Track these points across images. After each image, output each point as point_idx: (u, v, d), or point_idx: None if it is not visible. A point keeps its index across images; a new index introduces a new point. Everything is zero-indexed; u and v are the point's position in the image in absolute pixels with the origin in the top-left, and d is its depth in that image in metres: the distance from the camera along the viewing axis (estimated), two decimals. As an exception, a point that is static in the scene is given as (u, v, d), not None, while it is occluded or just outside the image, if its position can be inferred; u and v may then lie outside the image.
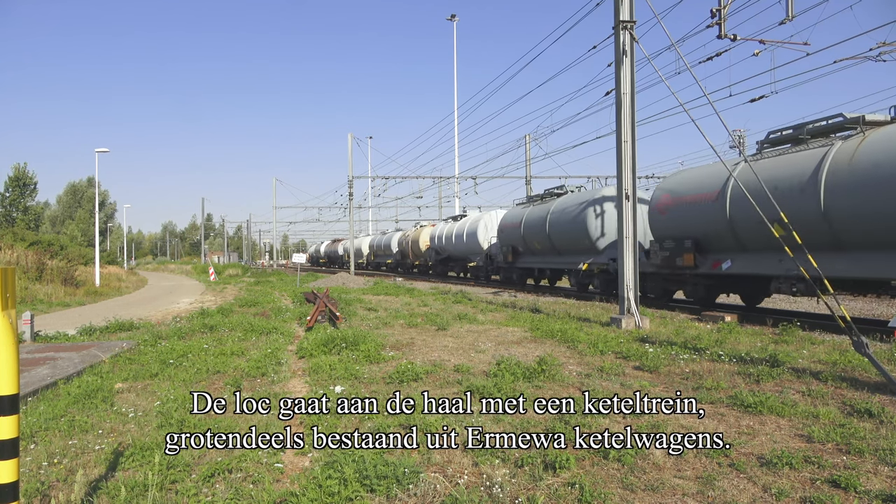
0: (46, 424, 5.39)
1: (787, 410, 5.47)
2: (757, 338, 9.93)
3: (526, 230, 24.21)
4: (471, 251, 32.65)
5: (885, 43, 12.66)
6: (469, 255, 33.23)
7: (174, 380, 7.20)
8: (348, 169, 40.69)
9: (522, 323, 12.16)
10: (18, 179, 61.14)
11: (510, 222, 26.45)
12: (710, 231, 14.31)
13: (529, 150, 36.32)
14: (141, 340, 10.35)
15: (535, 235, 23.52)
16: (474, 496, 3.70)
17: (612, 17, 12.54)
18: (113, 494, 3.78)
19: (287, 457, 4.54)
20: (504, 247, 26.83)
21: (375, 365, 7.96)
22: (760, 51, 14.01)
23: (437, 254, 38.63)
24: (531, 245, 24.17)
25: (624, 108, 12.41)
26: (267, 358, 8.30)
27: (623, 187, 12.43)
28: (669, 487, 3.90)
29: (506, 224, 27.04)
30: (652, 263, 16.39)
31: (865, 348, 6.37)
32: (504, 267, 27.52)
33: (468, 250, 33.09)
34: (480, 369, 7.57)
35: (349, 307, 15.87)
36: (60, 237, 46.03)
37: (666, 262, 15.71)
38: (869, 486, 3.84)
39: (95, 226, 39.09)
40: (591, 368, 7.61)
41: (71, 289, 25.47)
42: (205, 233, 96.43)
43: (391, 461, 4.00)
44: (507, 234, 26.51)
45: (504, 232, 27.01)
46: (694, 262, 14.68)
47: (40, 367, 8.00)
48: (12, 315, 2.68)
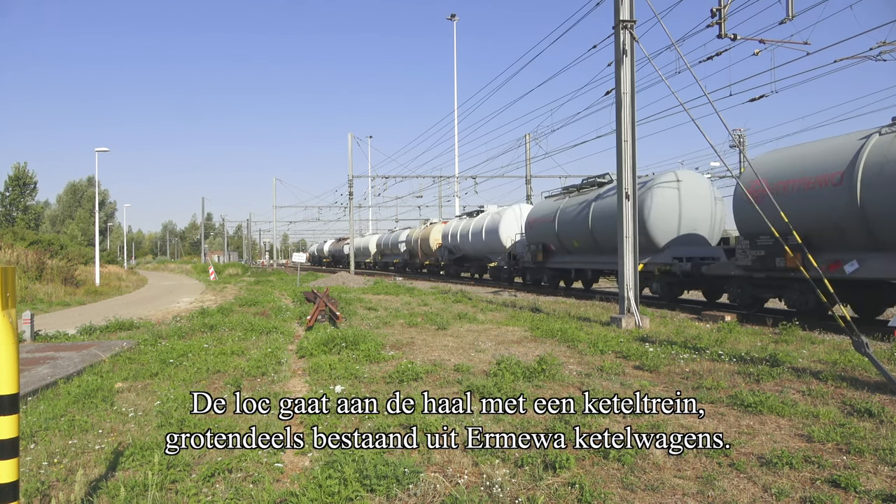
0: (46, 424, 5.39)
1: (787, 410, 5.47)
2: (757, 337, 9.93)
3: (561, 226, 21.54)
4: (491, 250, 29.58)
5: (885, 42, 12.66)
6: (488, 254, 30.12)
7: (174, 379, 7.20)
8: (348, 168, 40.75)
9: (522, 322, 12.16)
10: (18, 179, 61.22)
11: (540, 216, 23.45)
12: (827, 224, 11.62)
13: (529, 150, 36.33)
14: (141, 340, 10.35)
15: (573, 231, 20.87)
16: (474, 496, 3.70)
17: (612, 16, 12.54)
18: (113, 494, 3.78)
19: (287, 457, 4.54)
20: (532, 245, 23.78)
21: (375, 364, 7.97)
22: (760, 50, 14.02)
23: (450, 253, 35.52)
24: (567, 243, 21.51)
25: (624, 107, 12.41)
26: (267, 357, 8.31)
27: (623, 187, 12.42)
28: (669, 487, 3.90)
29: (535, 219, 23.89)
30: (738, 265, 13.72)
31: (865, 348, 6.37)
32: (532, 268, 24.53)
33: (487, 249, 29.98)
34: (480, 369, 7.57)
35: (349, 306, 15.87)
36: (60, 236, 46.05)
37: (760, 262, 13.07)
38: (869, 485, 3.84)
39: (95, 225, 39.10)
40: (592, 368, 7.61)
41: (71, 288, 25.46)
42: (205, 232, 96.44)
43: (391, 461, 4.00)
44: (537, 230, 23.44)
45: (532, 228, 23.88)
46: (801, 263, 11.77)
47: (40, 367, 8.00)
48: (12, 314, 2.68)
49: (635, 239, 12.51)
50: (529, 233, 24.49)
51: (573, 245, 21.38)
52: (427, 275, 41.31)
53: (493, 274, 31.15)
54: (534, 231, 23.89)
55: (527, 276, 25.70)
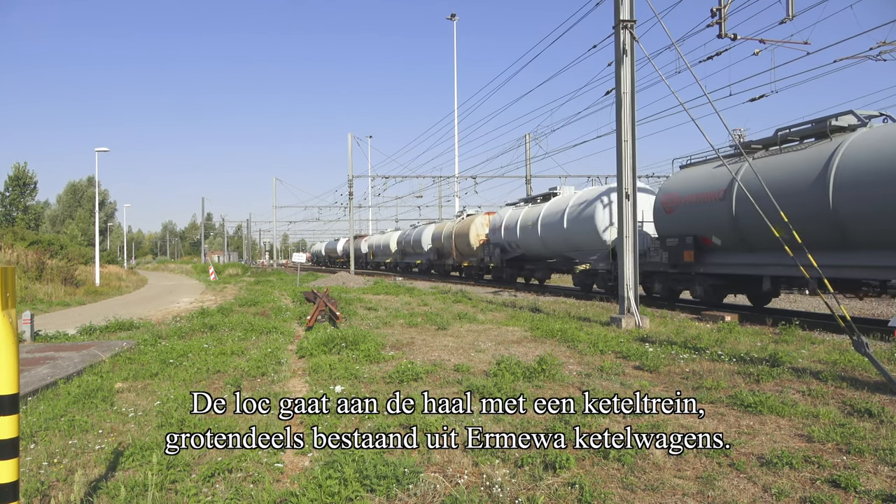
0: (46, 424, 5.38)
1: (787, 410, 5.47)
2: (757, 337, 9.93)
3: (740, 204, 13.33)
4: (575, 247, 21.04)
5: (885, 42, 12.66)
6: (570, 252, 21.64)
7: (174, 379, 7.20)
8: (348, 168, 40.74)
9: (522, 322, 12.16)
10: (18, 179, 61.17)
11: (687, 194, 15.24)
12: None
13: (529, 150, 36.33)
14: (141, 340, 10.35)
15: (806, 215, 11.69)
16: (474, 496, 3.70)
17: (612, 16, 12.54)
18: (113, 494, 3.78)
19: (287, 457, 4.54)
20: (671, 239, 15.89)
21: (375, 364, 7.97)
22: (760, 50, 14.02)
23: (502, 252, 27.40)
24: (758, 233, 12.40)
25: (624, 107, 12.41)
26: (267, 357, 8.31)
27: (623, 187, 12.42)
28: (669, 487, 3.90)
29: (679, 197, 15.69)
30: None
31: (865, 348, 6.37)
32: (670, 273, 16.35)
33: (569, 246, 21.52)
34: (480, 369, 7.57)
35: (349, 306, 15.87)
36: (60, 236, 46.05)
37: None
38: (869, 486, 3.84)
39: (95, 225, 39.09)
40: (591, 368, 7.61)
41: (71, 288, 25.46)
42: (205, 232, 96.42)
43: (391, 461, 4.00)
44: (683, 215, 15.45)
45: (676, 212, 15.81)
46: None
47: (40, 367, 7.99)
48: (12, 314, 2.68)
49: (635, 238, 12.51)
50: (667, 220, 16.37)
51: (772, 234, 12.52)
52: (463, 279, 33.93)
53: (578, 281, 22.04)
54: (677, 218, 15.83)
55: (655, 286, 17.36)
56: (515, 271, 27.88)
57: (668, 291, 17.06)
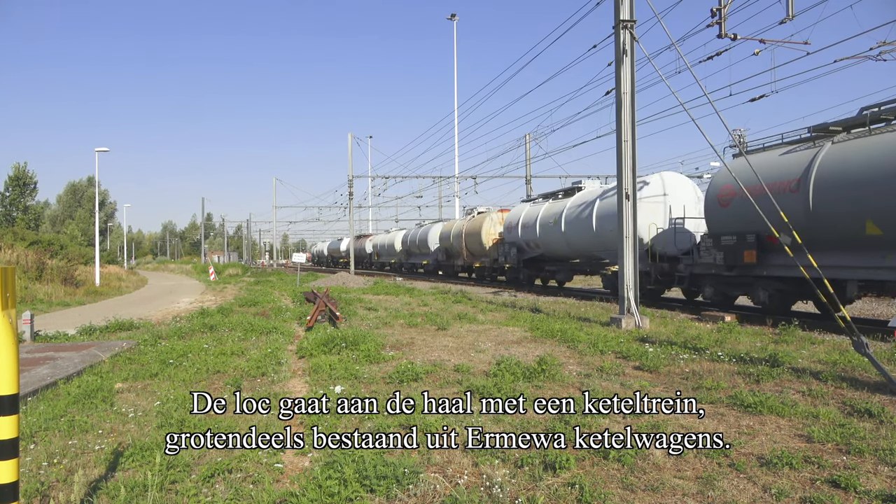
0: (46, 424, 5.38)
1: (787, 410, 5.47)
2: (757, 338, 9.93)
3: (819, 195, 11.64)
4: (604, 245, 18.68)
5: (885, 42, 12.65)
6: (600, 252, 19.61)
7: (174, 380, 7.19)
8: (348, 168, 40.71)
9: (522, 323, 12.16)
10: (18, 179, 61.18)
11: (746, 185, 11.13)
12: None
13: (529, 150, 36.33)
14: (141, 340, 10.35)
15: None
16: (474, 496, 3.70)
17: (613, 16, 12.55)
18: (113, 495, 3.78)
19: (287, 457, 4.54)
20: (727, 238, 13.84)
21: (375, 365, 7.96)
22: (760, 50, 14.01)
23: (518, 251, 25.32)
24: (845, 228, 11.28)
25: (624, 107, 12.41)
26: (267, 358, 8.30)
27: (623, 187, 12.42)
28: (669, 487, 3.90)
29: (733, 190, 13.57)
30: None
31: (865, 348, 6.37)
32: (724, 277, 14.29)
33: (599, 244, 19.32)
34: (480, 369, 7.57)
35: (349, 307, 15.86)
36: (60, 237, 46.01)
37: None
38: (869, 486, 3.84)
39: (95, 225, 39.09)
40: (591, 368, 7.61)
41: (71, 288, 25.46)
42: (205, 232, 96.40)
43: (391, 461, 4.00)
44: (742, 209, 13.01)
45: (733, 206, 13.78)
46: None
47: (40, 367, 7.99)
48: (12, 315, 2.68)
49: (635, 238, 12.51)
50: (721, 215, 14.29)
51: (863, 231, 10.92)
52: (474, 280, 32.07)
53: (609, 283, 19.76)
54: (733, 212, 13.80)
55: (705, 290, 15.15)
56: (534, 273, 25.59)
57: (720, 296, 14.92)
